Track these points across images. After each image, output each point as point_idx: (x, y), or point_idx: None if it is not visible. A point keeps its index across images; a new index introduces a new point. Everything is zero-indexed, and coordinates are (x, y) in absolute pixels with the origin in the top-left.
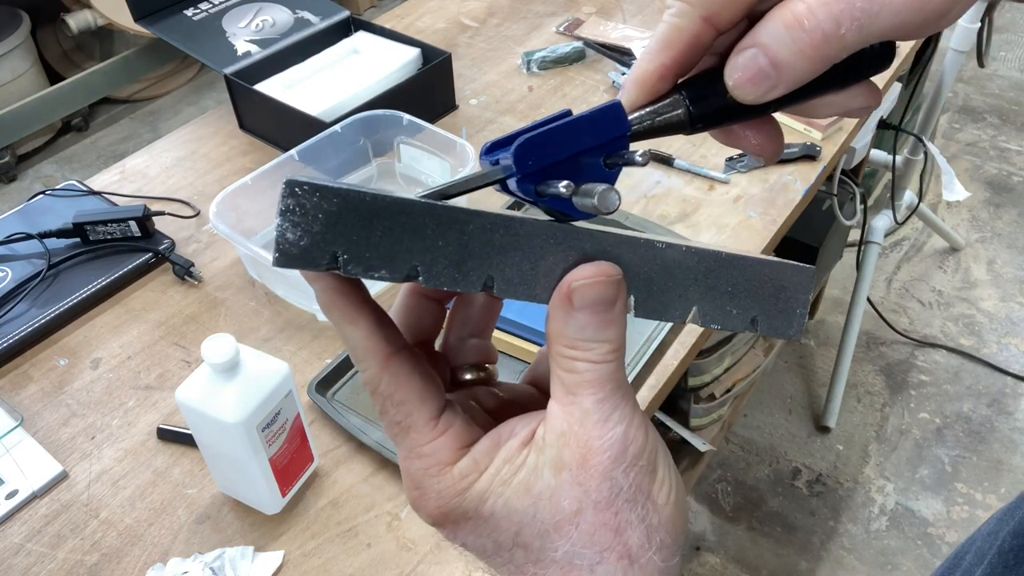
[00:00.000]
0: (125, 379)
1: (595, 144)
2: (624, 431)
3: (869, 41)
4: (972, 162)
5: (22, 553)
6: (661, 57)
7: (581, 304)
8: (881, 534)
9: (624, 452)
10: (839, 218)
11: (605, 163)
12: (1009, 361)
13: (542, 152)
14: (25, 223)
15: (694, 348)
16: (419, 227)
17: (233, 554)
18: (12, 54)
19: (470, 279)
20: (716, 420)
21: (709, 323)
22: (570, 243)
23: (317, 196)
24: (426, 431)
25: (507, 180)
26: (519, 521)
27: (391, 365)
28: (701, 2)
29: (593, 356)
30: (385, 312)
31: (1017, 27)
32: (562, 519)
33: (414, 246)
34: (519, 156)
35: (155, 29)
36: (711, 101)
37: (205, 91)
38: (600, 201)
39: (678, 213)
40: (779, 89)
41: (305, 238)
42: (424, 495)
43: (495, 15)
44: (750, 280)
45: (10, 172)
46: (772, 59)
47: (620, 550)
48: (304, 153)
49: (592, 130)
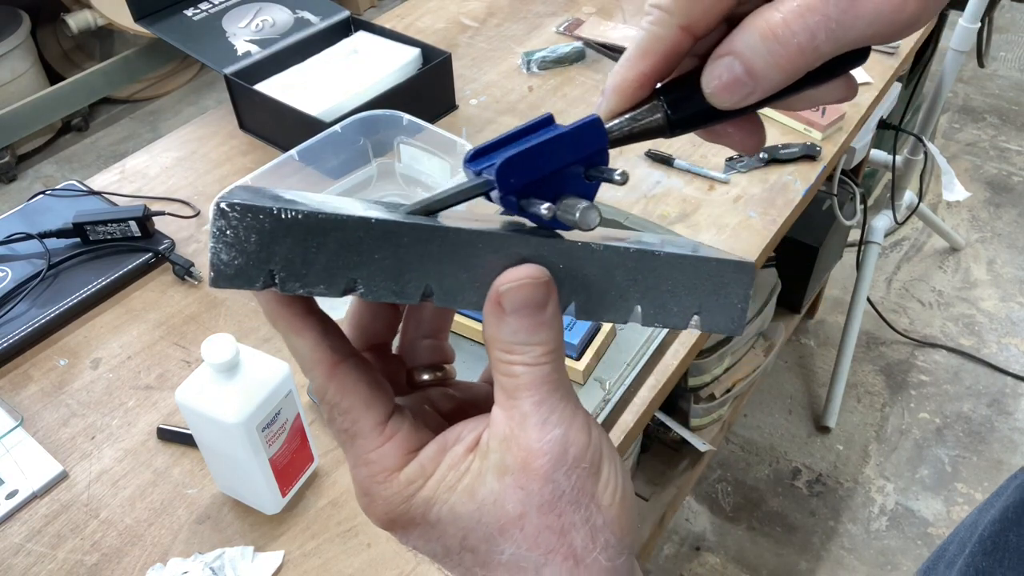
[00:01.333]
0: (125, 379)
1: (575, 159)
2: (563, 433)
3: (843, 50)
4: (972, 162)
5: (22, 553)
6: (640, 65)
7: (511, 308)
8: (881, 534)
9: (564, 454)
10: (839, 218)
11: (586, 175)
12: (1009, 361)
13: (524, 170)
14: (25, 223)
15: (694, 348)
16: (354, 242)
17: (233, 554)
18: (12, 54)
19: (409, 290)
20: (716, 420)
21: (651, 323)
22: (506, 250)
23: (249, 217)
24: (372, 437)
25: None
26: (465, 526)
27: (337, 374)
28: (680, 11)
29: (528, 359)
30: (332, 321)
31: (1017, 27)
32: (507, 523)
33: (351, 261)
34: (502, 174)
35: (155, 29)
36: (689, 105)
37: (205, 91)
38: (580, 218)
39: (678, 213)
40: (755, 96)
41: (239, 258)
42: (373, 502)
43: (495, 15)
44: (690, 278)
45: (10, 172)
46: (748, 68)
47: (565, 551)
48: (304, 153)
49: (572, 145)
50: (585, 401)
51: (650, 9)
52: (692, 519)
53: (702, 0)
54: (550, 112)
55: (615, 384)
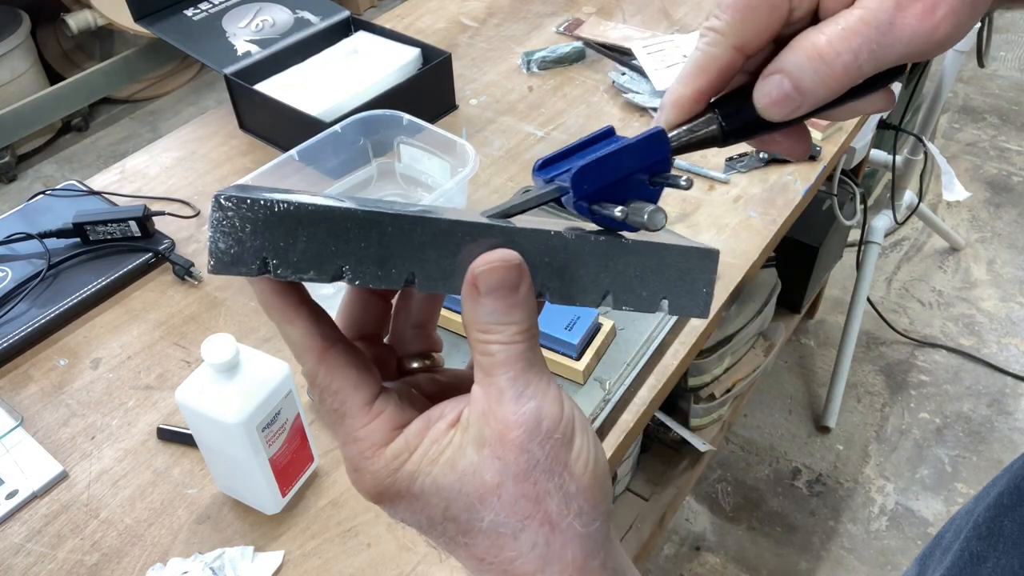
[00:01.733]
0: (125, 379)
1: (641, 167)
2: (537, 406)
3: (882, 68)
4: (972, 162)
5: (22, 553)
6: (697, 82)
7: (486, 289)
8: (881, 534)
9: (538, 426)
10: (839, 218)
11: (650, 182)
12: (1009, 361)
13: (595, 177)
14: (25, 223)
15: (694, 348)
16: (342, 231)
17: (233, 554)
18: (12, 54)
19: (393, 276)
20: (716, 420)
21: (621, 306)
22: (483, 238)
23: (244, 208)
24: (360, 416)
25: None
26: (447, 496)
27: (327, 358)
28: (733, 32)
29: (503, 337)
30: (322, 309)
31: (1017, 27)
32: (485, 492)
33: (339, 249)
34: (576, 181)
35: (155, 29)
36: (741, 117)
37: (205, 91)
38: (649, 220)
39: (678, 213)
40: (802, 110)
41: (235, 247)
42: (361, 476)
43: (495, 15)
44: (657, 264)
45: (10, 172)
46: (796, 85)
47: (540, 517)
48: (304, 153)
49: (638, 155)
50: (585, 401)
51: (705, 31)
52: (692, 519)
53: (754, 23)
54: (611, 125)
55: (615, 384)
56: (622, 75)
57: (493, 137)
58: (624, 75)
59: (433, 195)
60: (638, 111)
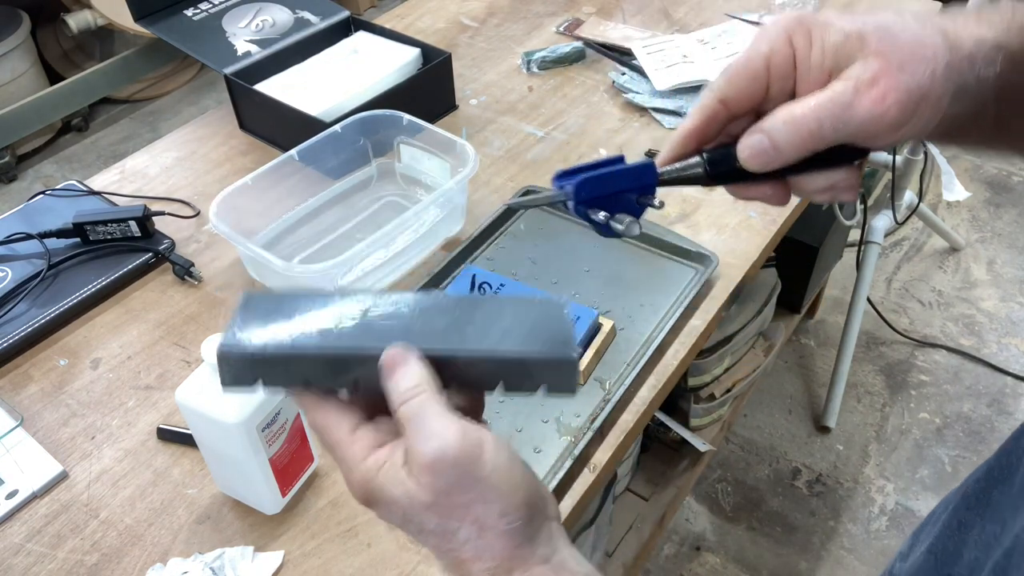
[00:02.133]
0: (125, 379)
1: (631, 187)
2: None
3: (841, 140)
4: (972, 162)
5: (22, 553)
6: (689, 123)
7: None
8: (881, 534)
9: (443, 456)
10: (839, 218)
11: (637, 201)
12: (1009, 361)
13: (592, 189)
14: (25, 223)
15: (694, 348)
16: (303, 367)
17: (233, 554)
18: (12, 54)
19: (342, 386)
20: (716, 420)
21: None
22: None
23: (236, 360)
24: (346, 442)
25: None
26: (403, 506)
27: (320, 408)
28: (720, 89)
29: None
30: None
31: None
32: (424, 507)
33: (307, 374)
34: (577, 190)
35: (155, 29)
36: (724, 165)
37: (205, 91)
38: (627, 229)
39: (678, 213)
40: (776, 163)
41: (235, 377)
42: (352, 487)
43: (495, 15)
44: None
45: (10, 172)
46: (773, 142)
47: (470, 519)
48: (304, 153)
49: (631, 178)
50: (585, 401)
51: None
52: (692, 519)
53: (736, 84)
54: (623, 154)
55: (615, 384)
56: (622, 75)
57: (493, 137)
58: (624, 75)
59: (433, 195)
60: (638, 111)
